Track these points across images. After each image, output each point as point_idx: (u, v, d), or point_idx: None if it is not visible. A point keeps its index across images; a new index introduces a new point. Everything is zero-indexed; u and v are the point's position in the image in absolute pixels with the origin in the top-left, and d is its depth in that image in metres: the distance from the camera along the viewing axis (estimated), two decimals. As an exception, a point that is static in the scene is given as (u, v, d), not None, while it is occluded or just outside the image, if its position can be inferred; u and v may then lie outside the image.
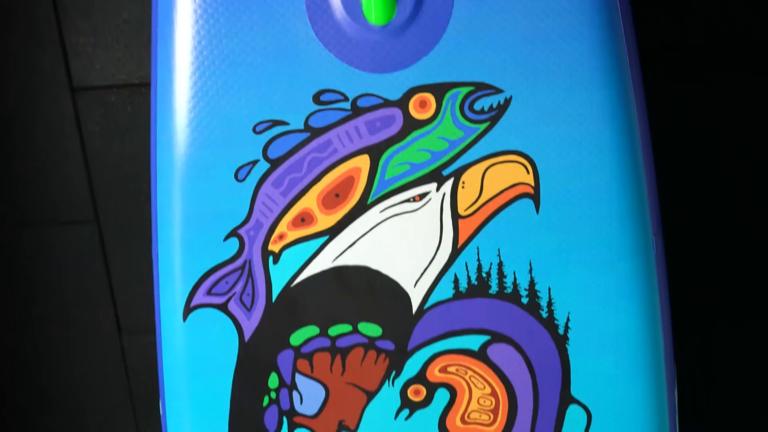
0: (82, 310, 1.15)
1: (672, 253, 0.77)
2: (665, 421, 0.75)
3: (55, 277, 1.14)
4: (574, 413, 0.75)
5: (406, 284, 0.72)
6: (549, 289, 0.71)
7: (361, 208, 0.70)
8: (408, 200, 0.70)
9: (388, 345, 0.73)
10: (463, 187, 0.69)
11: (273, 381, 0.75)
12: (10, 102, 1.05)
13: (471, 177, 0.69)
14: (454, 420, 0.75)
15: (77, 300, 1.15)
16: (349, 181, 0.70)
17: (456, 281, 0.71)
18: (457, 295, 0.72)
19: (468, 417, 0.75)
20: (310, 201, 0.70)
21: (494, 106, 0.67)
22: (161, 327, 0.75)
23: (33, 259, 1.13)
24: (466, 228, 0.70)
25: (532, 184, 0.69)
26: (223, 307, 0.73)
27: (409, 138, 0.68)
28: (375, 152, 0.69)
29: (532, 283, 0.71)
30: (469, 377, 0.74)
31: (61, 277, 1.14)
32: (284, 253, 0.72)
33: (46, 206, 1.10)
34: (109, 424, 1.22)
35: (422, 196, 0.70)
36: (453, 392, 0.75)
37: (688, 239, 1.06)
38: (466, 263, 0.71)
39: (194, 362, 0.75)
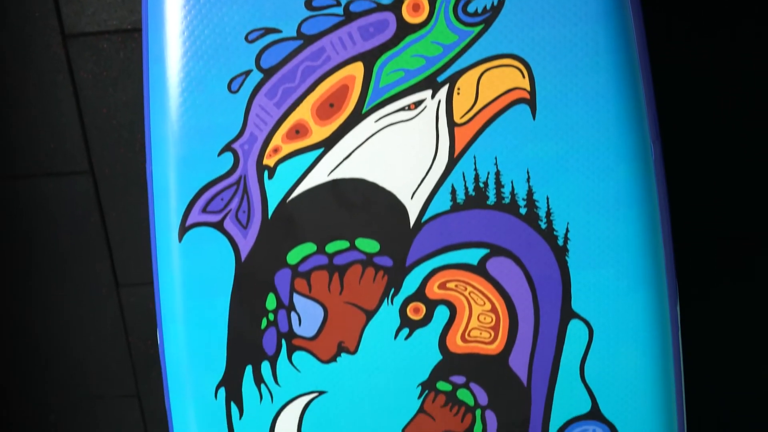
0: (79, 265, 1.14)
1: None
2: (668, 336, 0.75)
3: (50, 231, 1.13)
4: (575, 328, 0.74)
5: (403, 197, 0.71)
6: (547, 198, 0.70)
7: (356, 118, 0.69)
8: (403, 109, 0.69)
9: (386, 261, 0.73)
10: (458, 93, 0.68)
11: (271, 302, 0.74)
12: (1, 50, 1.04)
13: (466, 83, 0.68)
14: (455, 338, 0.74)
15: (73, 254, 1.14)
16: (343, 90, 0.69)
17: (453, 192, 0.71)
18: (455, 207, 0.71)
19: (468, 335, 0.74)
20: (304, 112, 0.69)
21: (488, 7, 0.67)
22: (157, 249, 0.75)
23: (28, 213, 1.12)
24: (463, 136, 0.69)
25: (528, 88, 0.68)
26: (218, 226, 0.72)
27: (402, 43, 0.68)
28: (369, 59, 0.68)
29: (530, 193, 0.70)
30: (469, 293, 0.73)
31: (57, 231, 1.13)
32: (279, 167, 0.71)
33: (40, 157, 1.09)
34: (108, 381, 1.21)
35: (417, 104, 0.69)
36: (453, 309, 0.74)
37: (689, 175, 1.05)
38: (463, 173, 0.70)
39: (191, 285, 0.74)
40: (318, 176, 0.71)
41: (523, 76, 0.67)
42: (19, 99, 1.06)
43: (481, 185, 0.70)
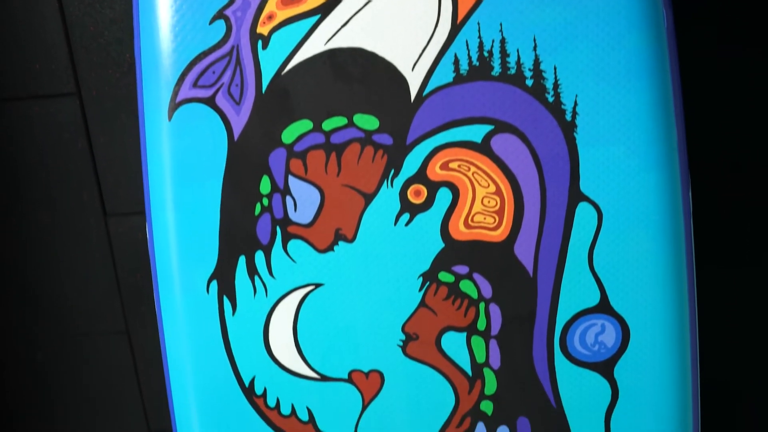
0: (65, 193, 1.11)
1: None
2: (680, 222, 0.71)
3: (35, 158, 1.09)
4: (584, 212, 0.70)
5: (404, 67, 0.68)
6: (555, 68, 0.67)
7: (355, -20, 0.66)
8: (404, -30, 0.65)
9: (386, 139, 0.69)
10: (461, -48, 0.65)
11: (265, 186, 0.71)
12: (-15, -38, 1.00)
13: (470, -60, 0.65)
14: (457, 224, 0.71)
15: (59, 181, 1.10)
16: (340, -50, 0.65)
17: (456, 62, 0.67)
18: (458, 79, 0.68)
19: (472, 220, 0.71)
20: (300, -26, 0.66)
21: None
22: (145, 130, 0.71)
23: (11, 138, 1.08)
24: (466, 0, 0.66)
25: (535, -53, 0.65)
26: (210, 101, 0.69)
27: None
28: None
29: (536, 62, 0.67)
30: (472, 174, 0.70)
31: (42, 157, 1.09)
32: (274, 36, 0.67)
33: (24, 79, 1.06)
34: (96, 317, 1.17)
35: (419, -36, 0.65)
36: (455, 192, 0.70)
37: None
38: (466, 41, 0.67)
39: (181, 167, 0.71)
40: (314, 46, 0.67)
41: (530, -66, 0.64)
42: (1, 17, 1.02)
43: (486, 54, 0.67)
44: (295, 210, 0.71)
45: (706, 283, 0.95)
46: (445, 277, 0.72)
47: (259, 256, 0.72)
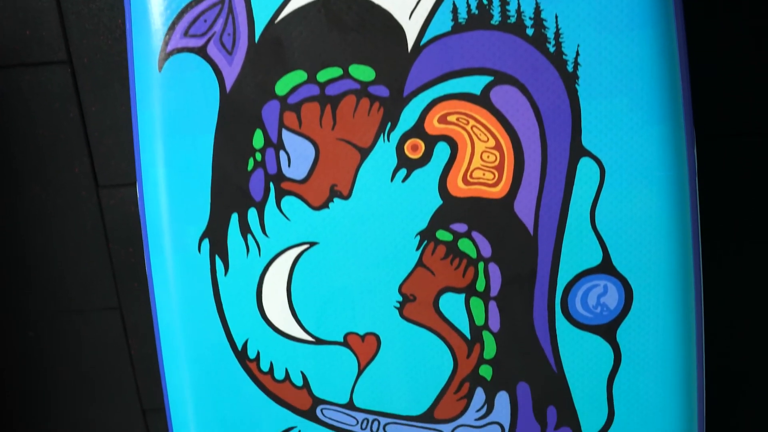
0: (57, 163, 1.08)
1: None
2: (684, 177, 0.69)
3: (25, 127, 1.07)
4: (586, 167, 0.69)
5: (401, 16, 0.66)
6: (556, 16, 0.65)
7: (350, -76, 0.64)
8: None
9: (382, 91, 0.67)
10: None
11: (258, 140, 0.69)
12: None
13: None
14: (456, 180, 0.69)
15: (50, 152, 1.08)
16: None
17: (455, 10, 0.65)
18: (457, 28, 0.66)
19: (470, 176, 0.69)
20: None
21: None
22: (135, 82, 0.69)
23: (1, 106, 1.06)
24: (465, -55, 0.64)
25: None
26: (201, 51, 0.67)
27: None
28: None
29: (537, 11, 0.65)
30: (471, 128, 0.68)
31: (33, 127, 1.07)
32: (267, -18, 0.65)
33: (13, 46, 1.04)
34: (88, 293, 1.15)
35: None
36: (454, 146, 0.68)
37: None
38: (465, -12, 0.65)
39: (171, 121, 0.69)
40: (309, -7, 0.65)
41: None
42: (-8, -19, 1.00)
43: (485, 2, 0.65)
44: (289, 165, 0.69)
45: (710, 254, 0.93)
46: (443, 235, 0.70)
47: (252, 214, 0.70)
